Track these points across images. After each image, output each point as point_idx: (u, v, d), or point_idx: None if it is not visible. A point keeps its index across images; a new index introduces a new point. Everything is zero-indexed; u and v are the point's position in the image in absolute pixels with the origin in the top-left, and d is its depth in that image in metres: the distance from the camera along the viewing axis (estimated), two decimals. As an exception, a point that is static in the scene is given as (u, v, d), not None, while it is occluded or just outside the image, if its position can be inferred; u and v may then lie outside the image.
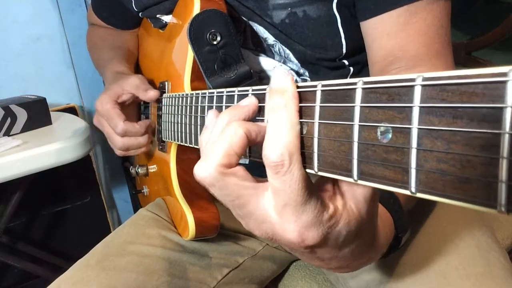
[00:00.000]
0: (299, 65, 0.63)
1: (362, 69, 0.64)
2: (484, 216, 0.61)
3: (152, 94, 0.70)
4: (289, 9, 0.57)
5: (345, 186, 0.31)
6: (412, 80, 0.21)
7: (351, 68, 0.63)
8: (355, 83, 0.24)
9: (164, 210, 0.73)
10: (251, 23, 0.61)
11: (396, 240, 0.42)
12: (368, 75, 0.64)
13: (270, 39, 0.61)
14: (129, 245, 0.64)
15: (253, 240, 0.73)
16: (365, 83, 0.24)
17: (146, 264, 0.62)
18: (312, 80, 0.64)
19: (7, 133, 1.02)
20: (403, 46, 0.53)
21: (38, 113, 1.07)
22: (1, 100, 1.12)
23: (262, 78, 0.65)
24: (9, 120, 1.01)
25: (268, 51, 0.64)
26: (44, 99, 1.09)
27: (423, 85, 0.20)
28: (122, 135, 0.69)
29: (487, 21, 1.14)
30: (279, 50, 0.62)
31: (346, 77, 0.63)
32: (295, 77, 0.64)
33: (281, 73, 0.30)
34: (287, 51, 0.61)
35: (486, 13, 1.26)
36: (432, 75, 0.20)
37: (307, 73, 0.64)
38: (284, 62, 0.63)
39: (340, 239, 0.30)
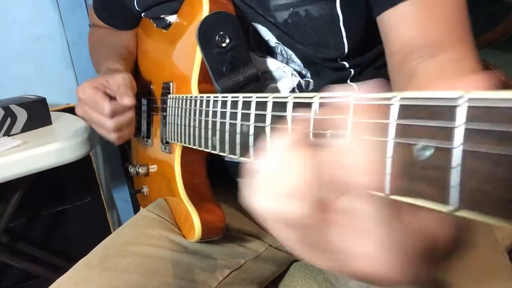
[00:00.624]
0: (301, 65, 0.63)
1: (362, 71, 0.64)
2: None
3: (125, 101, 0.67)
4: (291, 9, 0.57)
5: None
6: (456, 99, 0.20)
7: (352, 71, 0.63)
8: (390, 98, 0.23)
9: (165, 210, 0.73)
10: (254, 23, 0.61)
11: None
12: (369, 78, 0.64)
13: (273, 41, 0.61)
14: (130, 245, 0.64)
15: (256, 242, 0.73)
16: (403, 99, 0.22)
17: (147, 264, 0.62)
18: (313, 81, 0.64)
19: (7, 133, 1.02)
20: (423, 33, 0.51)
21: (38, 113, 1.07)
22: (1, 100, 1.12)
23: (266, 79, 0.65)
24: (9, 120, 1.01)
25: (270, 52, 0.64)
26: (44, 99, 1.09)
27: (469, 106, 0.19)
28: (111, 115, 0.66)
29: (487, 21, 1.14)
30: (281, 52, 0.62)
31: (347, 79, 0.63)
32: (298, 78, 0.64)
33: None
34: (289, 51, 0.61)
35: (486, 13, 1.26)
36: (478, 96, 0.19)
37: (309, 74, 0.64)
38: (287, 63, 0.63)
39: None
